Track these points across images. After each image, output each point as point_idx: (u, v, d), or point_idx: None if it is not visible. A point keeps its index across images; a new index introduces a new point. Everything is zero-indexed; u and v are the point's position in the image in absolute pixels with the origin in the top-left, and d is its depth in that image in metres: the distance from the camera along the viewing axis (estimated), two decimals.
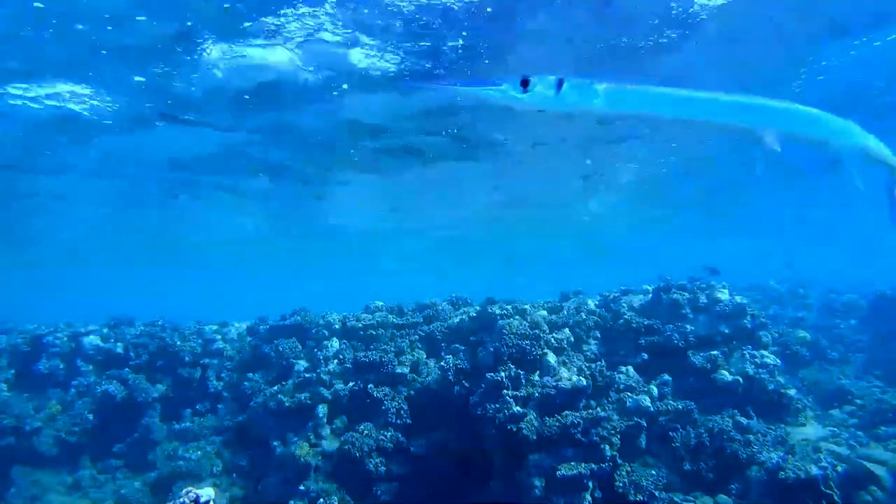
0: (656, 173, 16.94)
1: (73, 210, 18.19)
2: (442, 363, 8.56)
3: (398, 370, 8.86)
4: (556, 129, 12.60)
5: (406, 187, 17.13)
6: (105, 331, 11.78)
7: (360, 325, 10.10)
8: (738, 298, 9.18)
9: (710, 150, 15.41)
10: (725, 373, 8.09)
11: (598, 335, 9.09)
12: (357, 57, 8.24)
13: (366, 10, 7.06)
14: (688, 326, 8.64)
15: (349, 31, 7.52)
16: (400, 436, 7.84)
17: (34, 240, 23.52)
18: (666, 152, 15.19)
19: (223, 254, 29.87)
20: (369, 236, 26.65)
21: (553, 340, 8.20)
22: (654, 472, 6.81)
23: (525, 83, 2.78)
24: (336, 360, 9.49)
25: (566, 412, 6.98)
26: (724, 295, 9.32)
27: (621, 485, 6.50)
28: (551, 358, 7.88)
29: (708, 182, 19.77)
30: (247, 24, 7.26)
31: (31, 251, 26.33)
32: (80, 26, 6.99)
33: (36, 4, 6.48)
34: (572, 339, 8.55)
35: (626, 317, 9.04)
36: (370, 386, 8.55)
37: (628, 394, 7.35)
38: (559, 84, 2.84)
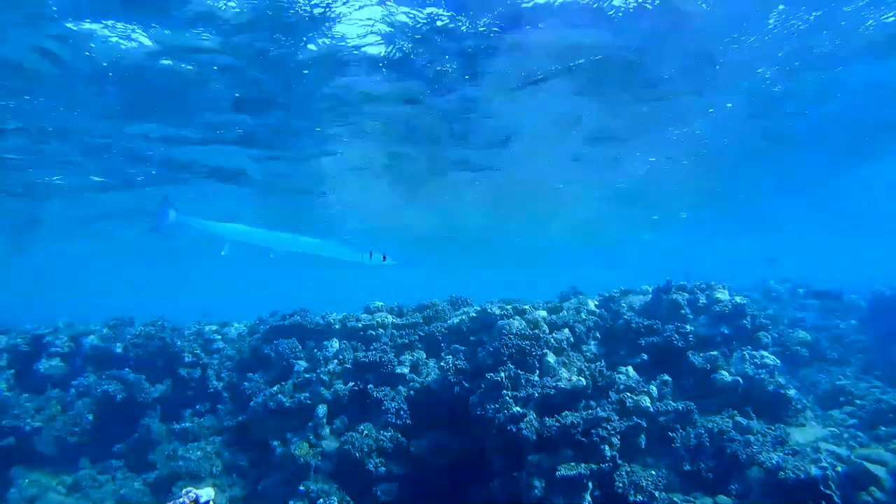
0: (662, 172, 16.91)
1: None
2: (442, 363, 8.56)
3: (398, 370, 8.87)
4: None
5: None
6: (105, 331, 11.77)
7: (360, 325, 10.10)
8: (737, 299, 9.19)
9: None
10: (725, 373, 8.09)
11: (598, 335, 9.10)
12: None
13: None
14: (687, 327, 8.64)
15: None
16: (400, 436, 7.84)
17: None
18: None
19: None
20: None
21: (553, 341, 8.21)
22: (653, 472, 6.81)
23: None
24: (336, 361, 9.49)
25: (566, 412, 6.98)
26: (723, 295, 9.32)
27: (621, 485, 6.50)
28: (551, 358, 7.89)
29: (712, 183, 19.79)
30: None
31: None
32: None
33: None
34: (572, 339, 8.56)
35: (625, 317, 9.05)
36: (370, 386, 8.56)
37: (628, 394, 7.35)
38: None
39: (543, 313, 9.14)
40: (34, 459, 9.67)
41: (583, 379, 7.40)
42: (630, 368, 8.02)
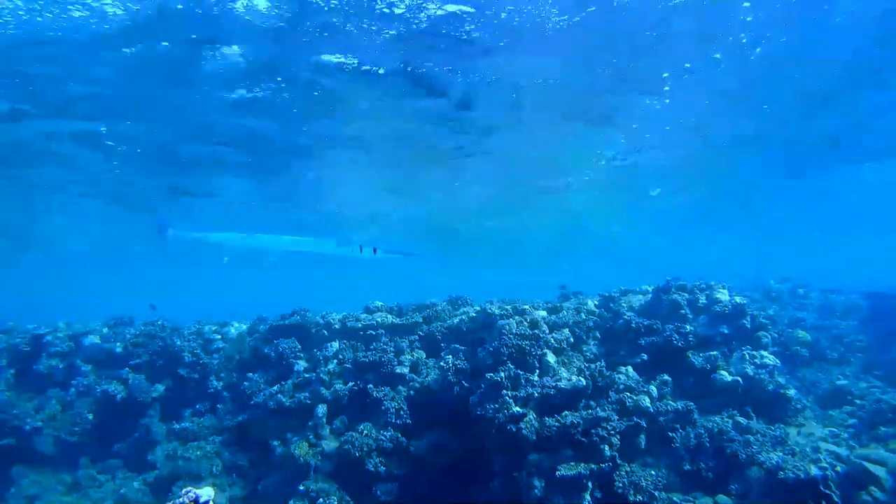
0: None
1: None
2: (441, 363, 8.56)
3: (398, 370, 8.87)
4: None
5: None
6: (105, 331, 11.78)
7: (359, 325, 10.11)
8: (737, 299, 9.18)
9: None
10: (725, 373, 8.08)
11: (598, 335, 9.10)
12: None
13: None
14: (687, 327, 8.64)
15: None
16: (399, 436, 7.84)
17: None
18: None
19: None
20: None
21: (553, 340, 8.21)
22: (653, 472, 6.81)
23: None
24: (336, 360, 9.49)
25: (566, 412, 6.98)
26: (723, 295, 9.32)
27: (621, 485, 6.50)
28: (551, 358, 7.89)
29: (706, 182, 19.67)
30: None
31: None
32: None
33: None
34: (572, 339, 8.56)
35: (625, 317, 9.04)
36: (370, 386, 8.56)
37: (628, 394, 7.36)
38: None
39: (543, 313, 9.15)
40: (34, 459, 9.68)
41: (583, 379, 7.40)
42: (630, 368, 8.02)
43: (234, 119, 11.92)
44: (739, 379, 8.01)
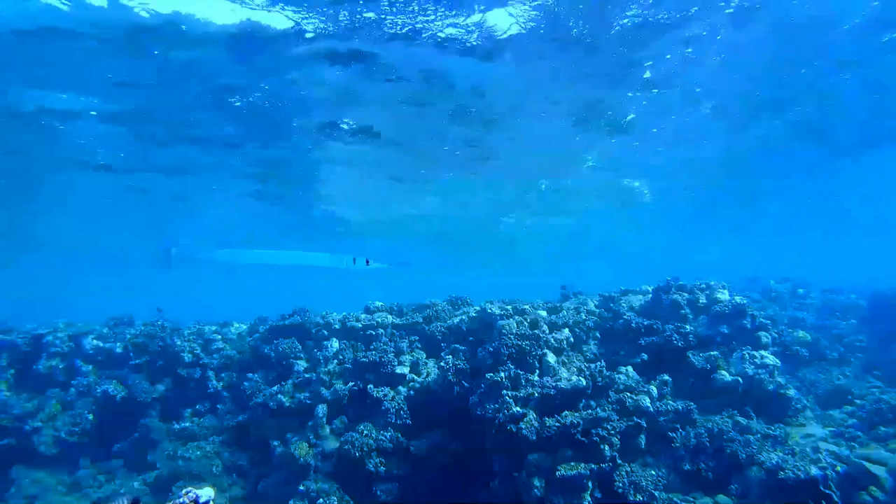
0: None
1: None
2: (442, 363, 8.56)
3: (398, 370, 8.87)
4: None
5: None
6: (105, 331, 11.78)
7: (359, 325, 10.11)
8: (737, 299, 9.19)
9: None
10: (725, 373, 8.09)
11: (598, 335, 9.10)
12: None
13: None
14: (687, 326, 8.64)
15: None
16: (399, 436, 7.84)
17: None
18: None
19: None
20: None
21: (553, 340, 8.21)
22: (653, 472, 6.81)
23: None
24: (336, 361, 9.50)
25: (566, 412, 6.99)
26: (723, 295, 9.33)
27: (621, 485, 6.50)
28: (551, 358, 7.89)
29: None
30: None
31: None
32: None
33: None
34: (572, 339, 8.56)
35: (625, 317, 9.05)
36: (370, 386, 8.56)
37: (628, 394, 7.36)
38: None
39: (543, 313, 9.15)
40: (34, 459, 9.68)
41: (583, 379, 7.40)
42: (630, 368, 8.02)
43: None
44: (739, 379, 8.01)
